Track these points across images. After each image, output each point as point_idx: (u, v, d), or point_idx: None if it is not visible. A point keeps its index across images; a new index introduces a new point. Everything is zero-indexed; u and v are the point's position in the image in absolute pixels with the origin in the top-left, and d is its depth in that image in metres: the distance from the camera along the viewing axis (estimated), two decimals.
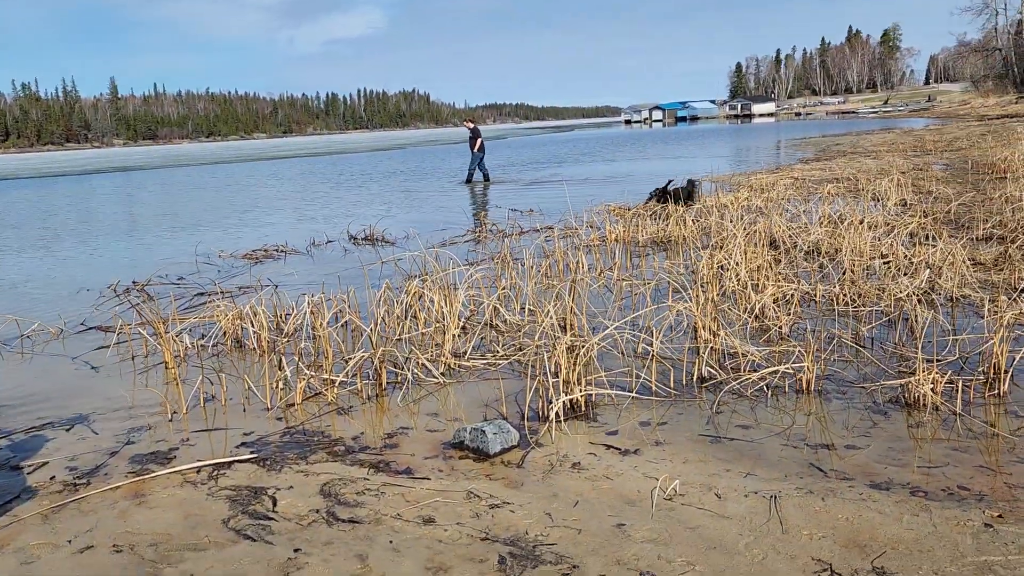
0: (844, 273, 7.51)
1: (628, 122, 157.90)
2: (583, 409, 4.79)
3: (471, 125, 24.41)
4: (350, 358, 5.64)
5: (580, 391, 4.83)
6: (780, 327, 6.13)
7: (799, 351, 5.31)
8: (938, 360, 5.16)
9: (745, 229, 9.38)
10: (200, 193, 26.84)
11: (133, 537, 3.51)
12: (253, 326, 6.68)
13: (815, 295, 7.04)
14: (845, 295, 6.82)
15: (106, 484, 4.08)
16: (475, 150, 23.74)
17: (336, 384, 5.35)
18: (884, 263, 7.89)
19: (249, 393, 5.43)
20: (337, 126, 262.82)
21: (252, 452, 4.41)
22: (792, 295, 6.90)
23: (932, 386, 4.58)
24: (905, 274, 7.37)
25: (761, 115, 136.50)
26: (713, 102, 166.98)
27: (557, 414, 4.59)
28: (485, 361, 5.82)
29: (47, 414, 5.28)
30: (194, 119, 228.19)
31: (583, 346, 5.24)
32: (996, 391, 4.70)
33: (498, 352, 5.99)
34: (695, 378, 5.22)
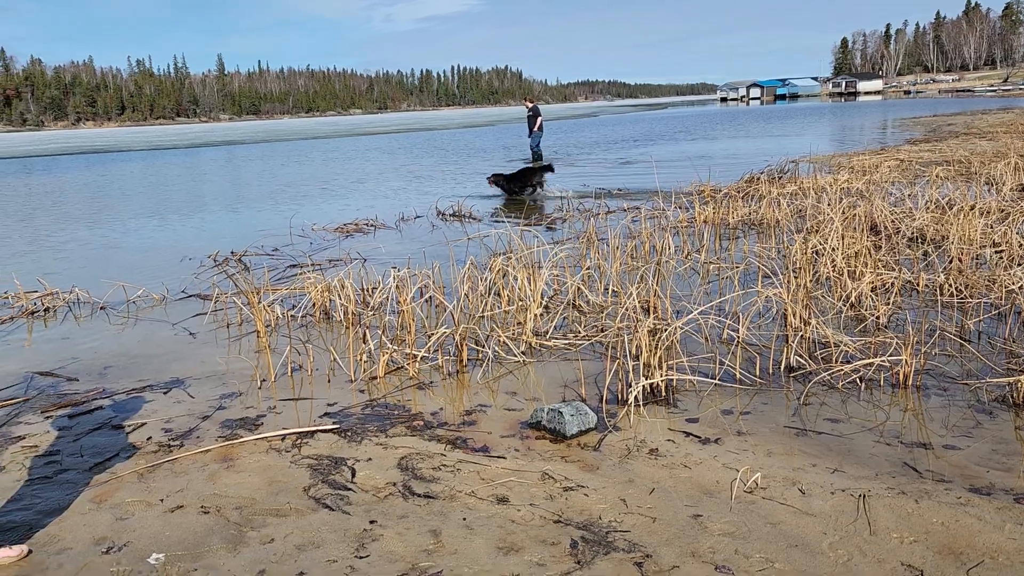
0: (951, 262, 7.09)
1: (724, 100, 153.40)
2: (663, 394, 4.69)
3: (531, 104, 23.85)
4: (432, 334, 5.69)
5: (661, 375, 4.73)
6: (877, 317, 5.84)
7: (897, 343, 5.05)
8: None
9: (843, 213, 8.97)
10: (299, 167, 27.64)
11: (220, 499, 3.65)
12: (340, 299, 6.83)
13: (917, 284, 6.67)
14: (951, 285, 6.44)
15: (198, 447, 4.25)
16: (536, 129, 23.30)
17: (418, 359, 5.41)
18: (996, 252, 7.40)
19: (334, 364, 5.56)
20: (430, 102, 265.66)
21: (335, 423, 4.51)
22: (892, 284, 6.57)
23: None
24: (1019, 264, 6.90)
25: (867, 93, 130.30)
26: (815, 79, 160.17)
27: (636, 398, 4.51)
28: (566, 341, 5.77)
29: (147, 377, 5.54)
30: (295, 95, 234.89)
31: (665, 330, 5.13)
32: None
33: (579, 333, 5.93)
34: (782, 367, 5.04)
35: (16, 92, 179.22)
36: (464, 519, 3.36)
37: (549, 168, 15.72)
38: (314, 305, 7.01)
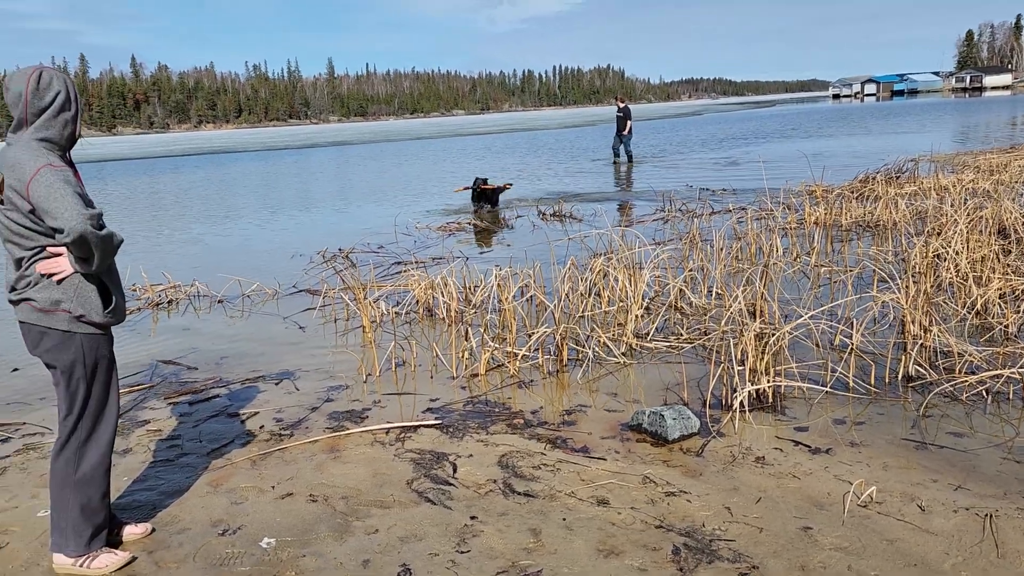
0: None
1: (836, 96, 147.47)
2: (770, 401, 4.54)
3: (622, 104, 23.21)
4: (533, 333, 5.70)
5: (768, 381, 4.57)
6: (1006, 326, 5.47)
7: None
8: None
9: (968, 214, 8.45)
10: (408, 165, 28.28)
11: (327, 489, 3.77)
12: (443, 296, 6.94)
13: None
14: None
15: (307, 437, 4.40)
16: (625, 132, 22.84)
17: (519, 357, 5.43)
18: None
19: (437, 361, 5.65)
20: (532, 103, 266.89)
21: (437, 418, 4.58)
22: (1023, 290, 6.14)
23: None
24: None
25: (994, 88, 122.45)
26: (936, 74, 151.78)
27: (742, 404, 4.38)
28: (667, 344, 5.67)
29: (260, 368, 5.79)
30: (400, 97, 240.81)
31: (773, 334, 4.96)
32: None
33: (681, 335, 5.82)
34: (900, 376, 4.78)
35: (145, 97, 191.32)
36: (564, 519, 3.35)
37: (501, 189, 15.26)
38: (417, 302, 7.15)
